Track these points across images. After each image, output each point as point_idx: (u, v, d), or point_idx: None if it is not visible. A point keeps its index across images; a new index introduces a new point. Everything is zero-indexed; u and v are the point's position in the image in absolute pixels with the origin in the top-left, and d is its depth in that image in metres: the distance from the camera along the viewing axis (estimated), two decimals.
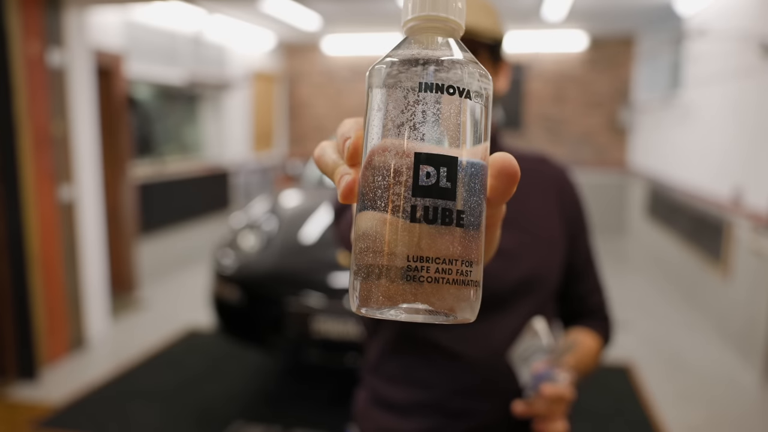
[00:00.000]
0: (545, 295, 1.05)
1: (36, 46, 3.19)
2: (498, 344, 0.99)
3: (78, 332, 3.61)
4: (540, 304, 1.04)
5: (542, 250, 1.04)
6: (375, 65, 0.41)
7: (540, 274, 1.03)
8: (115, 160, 4.47)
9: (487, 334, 0.99)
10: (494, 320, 1.00)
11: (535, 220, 1.05)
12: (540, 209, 1.06)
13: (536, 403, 0.87)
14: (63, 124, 3.39)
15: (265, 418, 2.84)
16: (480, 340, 0.99)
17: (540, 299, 1.04)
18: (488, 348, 0.99)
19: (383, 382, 1.05)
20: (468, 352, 0.99)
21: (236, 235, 3.21)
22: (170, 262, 5.32)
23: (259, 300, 2.89)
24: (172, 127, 5.72)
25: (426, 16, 0.41)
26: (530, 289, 1.02)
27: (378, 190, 0.38)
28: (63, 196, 3.43)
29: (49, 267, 3.34)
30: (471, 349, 0.99)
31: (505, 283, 1.01)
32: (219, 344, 3.65)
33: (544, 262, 1.04)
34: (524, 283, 1.01)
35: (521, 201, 1.02)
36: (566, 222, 1.08)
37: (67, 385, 3.18)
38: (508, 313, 1.01)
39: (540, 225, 1.05)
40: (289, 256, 2.99)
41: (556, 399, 0.86)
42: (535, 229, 1.05)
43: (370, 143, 0.39)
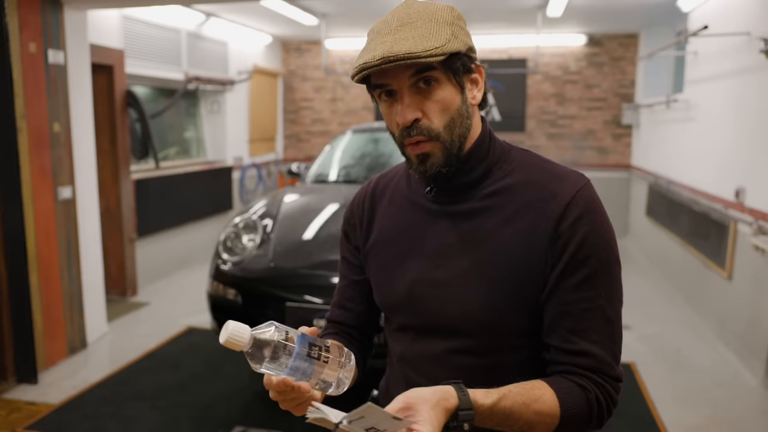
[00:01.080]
0: (488, 338, 0.94)
1: (35, 45, 3.18)
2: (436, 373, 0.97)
3: (77, 333, 3.60)
4: (481, 347, 0.95)
5: (483, 287, 0.92)
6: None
7: (472, 313, 0.93)
8: (114, 159, 4.46)
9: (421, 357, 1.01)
10: (427, 344, 1.00)
11: (496, 253, 0.93)
12: (511, 243, 0.92)
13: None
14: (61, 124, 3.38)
15: (265, 418, 2.83)
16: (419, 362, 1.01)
17: (479, 341, 0.95)
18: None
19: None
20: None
21: (235, 235, 3.20)
22: (169, 263, 5.32)
23: (258, 300, 2.88)
24: (171, 126, 5.71)
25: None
26: (463, 326, 0.95)
27: None
28: (61, 195, 3.42)
29: (47, 267, 3.33)
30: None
31: (437, 314, 0.97)
32: (218, 345, 3.63)
33: (484, 302, 0.92)
34: (455, 319, 0.95)
35: (484, 229, 0.94)
36: (553, 260, 0.91)
37: (65, 387, 3.17)
38: (439, 343, 0.98)
39: (499, 259, 0.92)
40: (288, 256, 2.97)
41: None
42: (489, 262, 0.93)
43: None
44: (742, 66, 3.64)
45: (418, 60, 0.84)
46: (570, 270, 0.90)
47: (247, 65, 6.43)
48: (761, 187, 3.30)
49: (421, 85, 0.89)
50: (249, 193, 6.62)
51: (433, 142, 0.91)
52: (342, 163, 4.20)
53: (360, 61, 0.87)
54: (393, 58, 0.84)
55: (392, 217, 1.06)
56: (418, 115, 0.90)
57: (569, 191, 0.92)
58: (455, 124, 0.92)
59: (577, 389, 0.88)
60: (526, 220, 0.92)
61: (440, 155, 0.92)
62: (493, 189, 0.96)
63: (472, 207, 0.97)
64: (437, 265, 0.97)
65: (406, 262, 1.01)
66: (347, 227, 1.14)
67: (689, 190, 4.55)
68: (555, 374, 0.91)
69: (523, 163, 0.98)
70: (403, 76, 0.88)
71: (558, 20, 5.74)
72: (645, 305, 4.56)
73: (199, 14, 5.41)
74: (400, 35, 0.86)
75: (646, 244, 5.99)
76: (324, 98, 7.41)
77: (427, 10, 0.90)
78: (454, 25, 0.90)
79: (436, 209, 1.00)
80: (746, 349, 3.41)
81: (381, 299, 1.07)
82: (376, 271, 1.07)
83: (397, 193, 1.07)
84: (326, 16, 5.85)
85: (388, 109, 0.93)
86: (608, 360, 0.90)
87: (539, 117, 6.94)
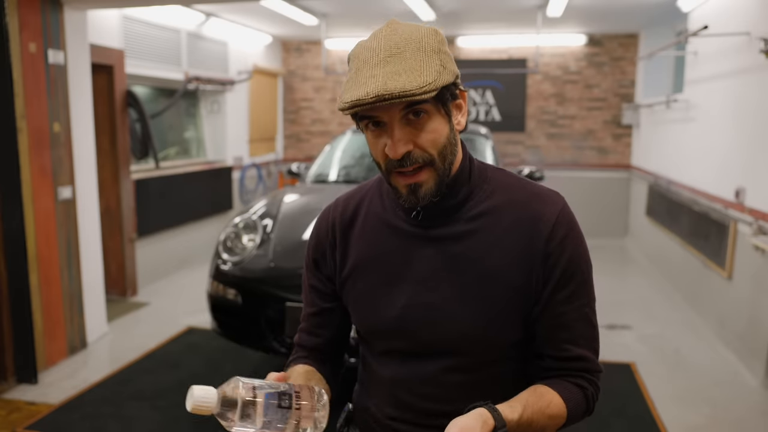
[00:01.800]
0: (479, 356, 0.99)
1: (35, 45, 3.18)
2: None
3: (77, 333, 3.60)
4: (474, 364, 0.99)
5: (476, 308, 0.96)
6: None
7: (467, 334, 0.97)
8: (114, 159, 4.46)
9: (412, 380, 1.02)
10: (415, 368, 1.01)
11: (488, 274, 0.96)
12: (502, 264, 0.96)
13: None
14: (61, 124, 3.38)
15: None
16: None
17: (472, 359, 0.98)
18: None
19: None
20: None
21: (235, 235, 3.20)
22: (169, 263, 5.32)
23: (258, 300, 2.88)
24: (171, 126, 5.71)
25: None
26: (458, 347, 0.98)
27: None
28: (61, 195, 3.42)
29: (47, 267, 3.33)
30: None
31: (425, 338, 0.99)
32: (218, 345, 3.64)
33: (480, 323, 0.96)
34: (451, 341, 0.98)
35: (475, 250, 0.97)
36: (545, 277, 0.96)
37: (65, 387, 3.17)
38: (429, 365, 1.00)
39: (492, 280, 0.96)
40: (288, 256, 2.97)
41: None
42: (482, 284, 0.96)
43: None
44: (742, 66, 3.64)
45: (412, 98, 0.84)
46: (561, 285, 0.96)
47: (247, 65, 6.43)
48: (761, 187, 3.30)
49: (410, 116, 0.89)
50: (249, 193, 6.62)
51: (428, 168, 0.92)
52: (342, 163, 4.20)
53: (351, 97, 0.85)
54: (388, 96, 0.83)
55: (370, 243, 1.03)
56: (410, 147, 0.90)
57: (553, 211, 0.97)
58: (446, 151, 0.93)
59: (576, 389, 0.97)
60: (515, 241, 0.96)
61: (432, 184, 0.93)
62: (478, 211, 0.98)
63: (459, 230, 0.98)
64: (429, 289, 0.98)
65: (393, 287, 1.00)
66: (316, 255, 1.11)
67: (689, 190, 4.55)
68: (551, 378, 0.99)
69: (501, 183, 1.01)
70: (394, 110, 0.88)
71: (558, 20, 5.74)
72: (645, 305, 4.55)
73: (199, 14, 5.40)
74: (390, 69, 0.85)
75: (646, 244, 5.99)
76: (324, 98, 7.41)
77: (413, 37, 0.88)
78: (441, 53, 0.89)
79: (421, 233, 0.99)
80: (746, 349, 3.40)
81: (365, 325, 1.05)
82: (357, 298, 1.05)
83: (371, 215, 1.05)
84: (326, 16, 5.85)
85: (375, 139, 0.92)
86: (594, 358, 1.00)
87: (539, 117, 6.94)
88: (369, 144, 0.95)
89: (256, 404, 0.79)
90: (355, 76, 0.88)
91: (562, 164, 6.88)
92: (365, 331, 1.06)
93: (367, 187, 1.10)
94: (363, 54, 0.89)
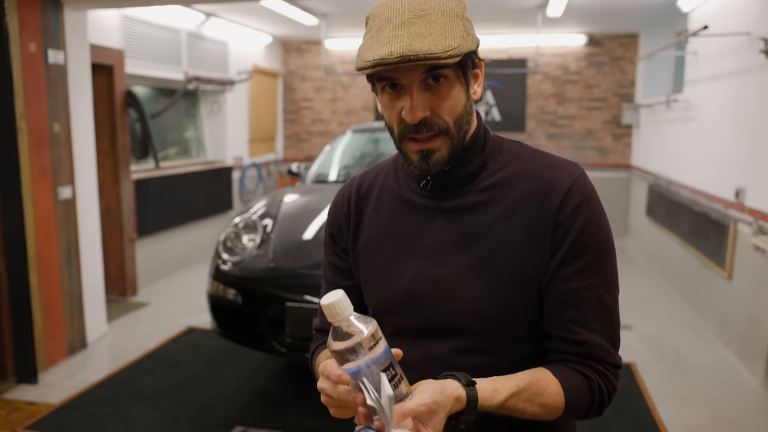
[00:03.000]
0: (491, 332, 0.93)
1: (35, 45, 3.18)
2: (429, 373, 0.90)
3: (77, 333, 3.60)
4: (486, 345, 0.94)
5: (486, 283, 0.91)
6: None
7: (475, 310, 0.92)
8: (114, 159, 4.46)
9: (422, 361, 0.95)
10: (426, 347, 0.96)
11: (498, 247, 0.92)
12: (512, 237, 0.91)
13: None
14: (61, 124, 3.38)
15: (264, 418, 2.83)
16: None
17: (483, 339, 0.93)
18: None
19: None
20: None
21: (235, 235, 3.20)
22: (169, 263, 5.32)
23: (258, 300, 2.88)
24: (171, 126, 5.71)
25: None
26: (467, 324, 0.93)
27: None
28: (61, 195, 3.42)
29: (47, 267, 3.33)
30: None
31: (439, 312, 0.94)
32: (218, 345, 3.64)
33: (488, 298, 0.91)
34: (458, 317, 0.93)
35: (486, 223, 0.93)
36: (553, 248, 0.91)
37: (65, 387, 3.17)
38: (440, 344, 0.95)
39: (501, 254, 0.91)
40: (288, 256, 2.97)
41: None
42: (491, 257, 0.92)
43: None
44: (742, 66, 3.63)
45: (437, 61, 0.81)
46: (569, 258, 0.90)
47: (247, 65, 6.43)
48: (761, 187, 3.30)
49: (429, 81, 0.86)
50: (249, 193, 6.62)
51: (443, 137, 0.89)
52: (342, 163, 4.20)
53: (374, 55, 0.82)
54: (413, 57, 0.80)
55: (383, 216, 1.02)
56: (428, 113, 0.87)
57: (567, 180, 0.92)
58: (462, 120, 0.91)
59: (580, 378, 0.90)
60: (526, 212, 0.91)
61: (446, 152, 0.90)
62: (490, 182, 0.95)
63: (470, 201, 0.95)
64: (437, 263, 0.95)
65: (402, 261, 0.98)
66: (332, 230, 1.09)
67: (689, 190, 4.55)
68: (557, 362, 0.92)
69: (515, 155, 0.97)
70: (414, 72, 0.85)
71: (558, 20, 5.74)
72: (645, 305, 4.55)
73: (199, 14, 5.40)
74: (415, 30, 0.82)
75: (646, 244, 5.99)
76: (324, 98, 7.41)
77: (437, 0, 0.86)
78: (464, 19, 0.88)
79: (432, 205, 0.97)
80: (746, 349, 3.40)
81: (375, 302, 1.03)
82: (368, 273, 1.03)
83: (386, 190, 1.03)
84: (326, 16, 5.85)
85: (391, 102, 0.89)
86: (608, 347, 0.91)
87: (539, 117, 6.94)
88: (383, 107, 0.92)
89: (369, 349, 0.74)
90: (376, 35, 0.85)
91: None
92: (375, 308, 1.03)
93: (383, 164, 1.09)
94: (385, 13, 0.86)
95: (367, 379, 0.73)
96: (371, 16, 0.88)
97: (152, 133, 4.76)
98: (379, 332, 0.75)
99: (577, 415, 0.92)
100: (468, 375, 0.82)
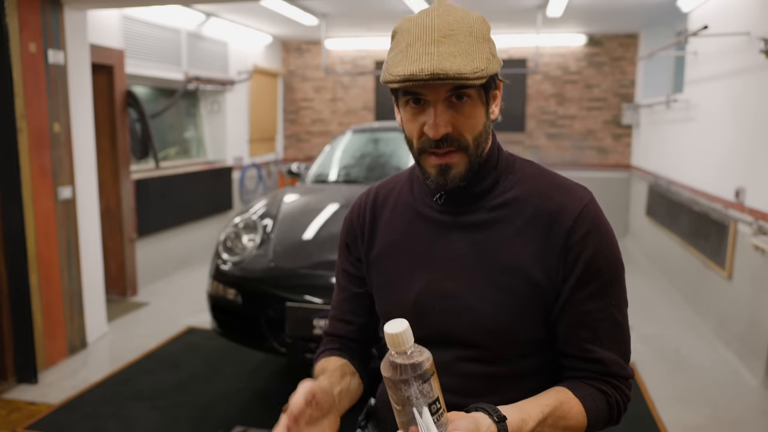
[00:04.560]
0: (498, 350, 0.96)
1: (35, 45, 3.18)
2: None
3: (77, 333, 3.60)
4: (491, 356, 0.96)
5: (495, 299, 0.94)
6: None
7: (483, 324, 0.94)
8: (114, 159, 4.46)
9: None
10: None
11: (507, 265, 0.94)
12: (522, 256, 0.94)
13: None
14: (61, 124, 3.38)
15: (264, 418, 2.82)
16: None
17: (489, 351, 0.96)
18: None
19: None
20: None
21: (235, 235, 3.20)
22: (169, 263, 5.32)
23: (258, 300, 2.87)
24: (171, 126, 5.71)
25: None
26: (473, 336, 0.95)
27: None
28: (61, 195, 3.42)
29: (47, 267, 3.33)
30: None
31: (445, 325, 0.96)
32: (218, 345, 3.64)
33: (495, 314, 0.94)
34: (466, 330, 0.95)
35: (495, 241, 0.95)
36: (565, 272, 0.93)
37: (65, 387, 3.17)
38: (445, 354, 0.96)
39: (511, 271, 0.94)
40: (288, 256, 2.97)
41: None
42: (500, 274, 0.94)
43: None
44: (742, 66, 3.63)
45: (465, 81, 0.85)
46: (583, 282, 0.93)
47: (247, 65, 6.43)
48: (761, 187, 3.30)
49: (453, 99, 0.89)
50: (249, 193, 6.62)
51: (461, 153, 0.92)
52: (342, 163, 4.20)
53: (404, 71, 0.84)
54: (443, 75, 0.83)
55: (397, 228, 1.04)
56: (449, 129, 0.90)
57: (576, 205, 0.94)
58: (481, 139, 0.94)
59: (599, 395, 0.95)
60: (536, 233, 0.94)
61: (463, 168, 0.93)
62: (502, 200, 0.98)
63: (482, 218, 0.97)
64: (448, 276, 0.97)
65: (414, 272, 1.00)
66: (348, 238, 1.11)
67: (689, 190, 4.55)
68: (573, 379, 0.96)
69: (527, 174, 1.00)
70: (441, 90, 0.88)
71: (558, 20, 5.74)
72: (645, 305, 4.55)
73: (199, 14, 5.40)
74: (445, 49, 0.85)
75: (646, 244, 5.99)
76: (324, 98, 7.41)
77: (465, 22, 0.89)
78: (489, 41, 0.91)
79: (445, 220, 0.99)
80: (746, 349, 3.40)
81: (386, 310, 1.04)
82: (380, 282, 1.05)
83: (401, 202, 1.06)
84: (326, 16, 5.85)
85: (414, 116, 0.92)
86: (621, 363, 0.96)
87: (539, 117, 6.94)
88: (404, 120, 0.94)
89: (420, 380, 0.75)
90: (405, 50, 0.87)
91: (562, 164, 6.88)
92: (385, 316, 1.05)
93: (400, 176, 1.11)
94: (415, 29, 0.88)
95: (416, 409, 0.75)
96: (399, 31, 0.91)
97: (152, 133, 4.76)
98: (433, 366, 0.77)
99: (597, 429, 0.96)
100: (497, 409, 0.83)
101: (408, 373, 0.74)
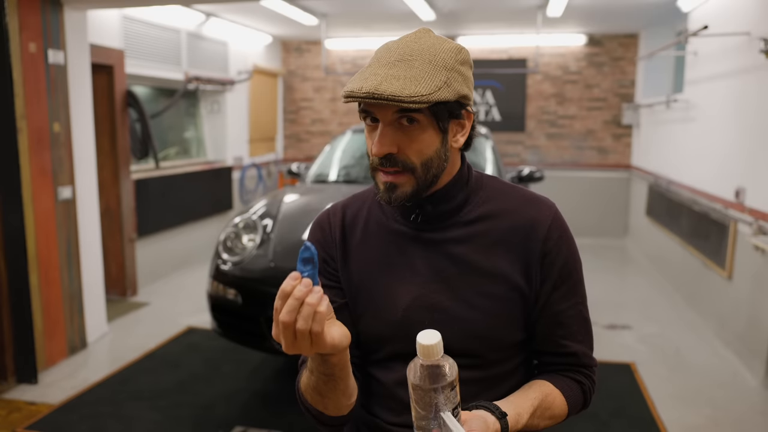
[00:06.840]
0: (489, 355, 1.01)
1: (35, 45, 3.18)
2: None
3: (77, 333, 3.60)
4: (480, 362, 1.00)
5: (484, 308, 0.98)
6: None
7: (473, 334, 0.98)
8: (114, 159, 4.46)
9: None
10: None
11: (490, 276, 0.99)
12: (503, 266, 0.99)
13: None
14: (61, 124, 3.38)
15: (264, 418, 2.83)
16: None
17: (478, 358, 1.00)
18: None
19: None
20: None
21: (235, 235, 3.20)
22: (169, 263, 5.32)
23: (258, 300, 2.88)
24: (171, 126, 5.71)
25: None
26: (463, 347, 0.98)
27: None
28: (61, 195, 3.42)
29: (47, 267, 3.33)
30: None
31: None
32: (218, 345, 3.64)
33: (484, 323, 0.98)
34: (456, 341, 0.97)
35: (476, 252, 0.99)
36: (542, 276, 1.00)
37: (65, 387, 3.17)
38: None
39: (494, 282, 0.99)
40: (288, 256, 2.97)
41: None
42: (485, 285, 0.99)
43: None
44: (742, 66, 3.64)
45: (400, 104, 0.86)
46: (558, 283, 1.01)
47: (247, 65, 6.43)
48: (761, 187, 3.30)
49: (403, 122, 0.91)
50: (249, 193, 6.62)
51: (408, 174, 0.94)
52: (342, 163, 4.20)
53: (349, 87, 0.89)
54: (378, 96, 0.85)
55: (373, 245, 1.04)
56: (393, 150, 0.92)
57: (547, 214, 1.02)
58: (431, 164, 0.95)
59: (575, 384, 1.04)
60: (513, 243, 1.00)
61: (409, 189, 0.94)
62: (475, 216, 1.02)
63: (459, 234, 1.01)
64: (433, 291, 0.99)
65: (398, 288, 1.01)
66: (324, 255, 1.09)
67: (689, 190, 4.55)
68: (550, 372, 1.05)
69: (496, 189, 1.05)
70: (387, 111, 0.90)
71: (558, 20, 5.74)
72: (645, 305, 4.55)
73: (199, 14, 5.40)
74: (393, 72, 0.88)
75: (646, 244, 5.99)
76: (324, 98, 7.41)
77: (431, 50, 0.91)
78: (452, 71, 0.91)
79: (424, 237, 1.01)
80: (746, 349, 3.40)
81: (370, 330, 1.04)
82: (363, 302, 1.04)
83: (372, 222, 1.06)
84: (326, 16, 5.85)
85: (369, 133, 0.96)
86: (590, 353, 1.06)
87: (539, 117, 6.94)
88: (366, 137, 0.98)
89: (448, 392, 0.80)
90: (364, 69, 0.92)
91: (562, 164, 6.88)
92: (369, 336, 1.05)
93: (363, 195, 1.12)
94: (381, 51, 0.94)
95: (443, 414, 0.80)
96: (375, 52, 0.96)
97: (152, 133, 4.76)
98: (458, 373, 0.82)
99: (572, 415, 1.05)
100: (498, 406, 0.90)
101: (439, 382, 0.80)
